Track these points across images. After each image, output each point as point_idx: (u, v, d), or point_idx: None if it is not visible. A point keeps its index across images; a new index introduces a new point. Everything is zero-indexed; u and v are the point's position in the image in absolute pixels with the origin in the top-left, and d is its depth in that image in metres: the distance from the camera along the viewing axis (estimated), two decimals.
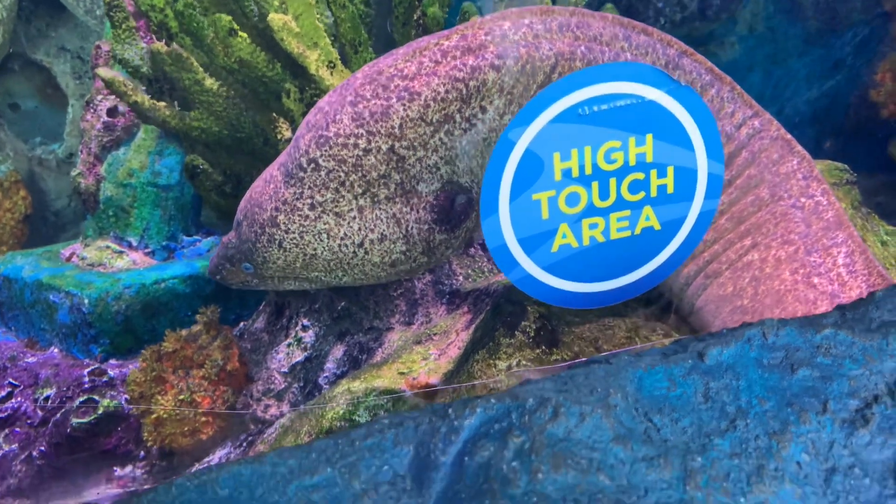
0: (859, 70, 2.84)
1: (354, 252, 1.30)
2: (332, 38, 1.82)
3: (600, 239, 1.10)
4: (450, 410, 0.78)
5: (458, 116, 1.25)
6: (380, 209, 1.28)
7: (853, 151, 3.02)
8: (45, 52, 3.09)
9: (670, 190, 1.09)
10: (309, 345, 1.97)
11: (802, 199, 1.53)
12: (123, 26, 1.84)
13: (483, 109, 1.27)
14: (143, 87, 1.84)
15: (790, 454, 0.77)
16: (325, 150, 1.26)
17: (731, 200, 1.54)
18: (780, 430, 0.80)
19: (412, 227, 1.29)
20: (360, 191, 1.26)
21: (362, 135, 1.24)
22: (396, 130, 1.24)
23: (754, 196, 1.53)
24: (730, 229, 1.54)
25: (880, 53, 2.65)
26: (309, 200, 1.28)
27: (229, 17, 1.51)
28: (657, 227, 1.11)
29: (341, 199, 1.27)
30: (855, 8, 2.90)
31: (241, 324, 2.22)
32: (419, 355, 1.75)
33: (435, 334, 1.80)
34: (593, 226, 1.09)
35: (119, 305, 2.25)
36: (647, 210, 1.10)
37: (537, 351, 1.62)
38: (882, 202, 2.92)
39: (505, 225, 1.07)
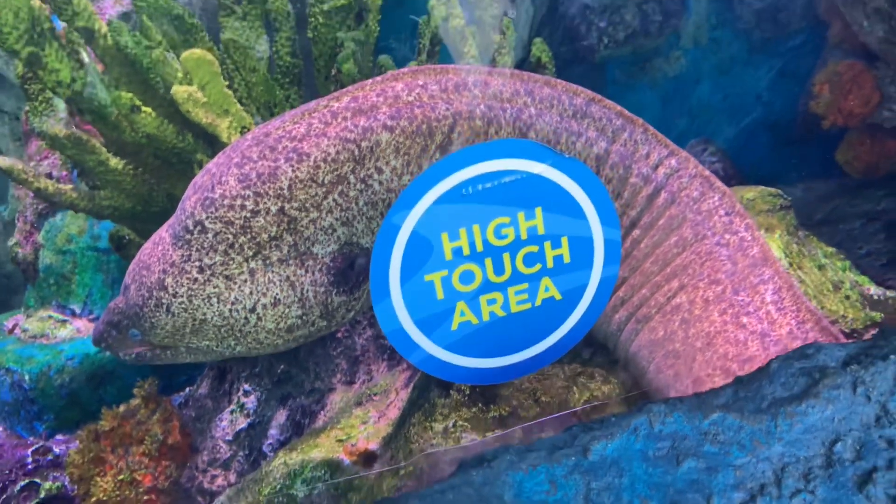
0: (804, 77, 2.82)
1: (246, 318, 1.25)
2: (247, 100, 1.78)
3: (500, 313, 1.07)
4: None
5: (352, 177, 1.22)
6: (273, 272, 1.23)
7: (808, 157, 3.01)
8: None
9: (567, 260, 1.05)
10: (251, 410, 1.93)
11: (727, 236, 1.50)
12: (39, 98, 1.80)
13: (379, 170, 1.24)
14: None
15: None
16: (211, 212, 1.22)
17: (654, 242, 1.51)
18: None
19: (308, 290, 1.25)
20: (250, 253, 1.22)
21: (249, 196, 1.21)
22: (286, 192, 1.21)
23: (678, 236, 1.50)
24: (656, 272, 1.51)
25: (821, 62, 2.64)
26: (197, 263, 1.24)
27: (129, 95, 1.47)
28: (558, 296, 1.08)
29: (231, 262, 1.23)
30: (795, 15, 2.89)
31: (187, 389, 2.18)
32: (358, 419, 1.71)
33: (375, 394, 1.77)
34: (492, 301, 1.06)
35: (62, 378, 2.20)
36: (546, 281, 1.06)
37: (473, 409, 1.58)
38: (837, 206, 2.91)
39: (399, 308, 1.03)
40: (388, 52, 2.09)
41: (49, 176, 2.32)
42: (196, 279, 1.23)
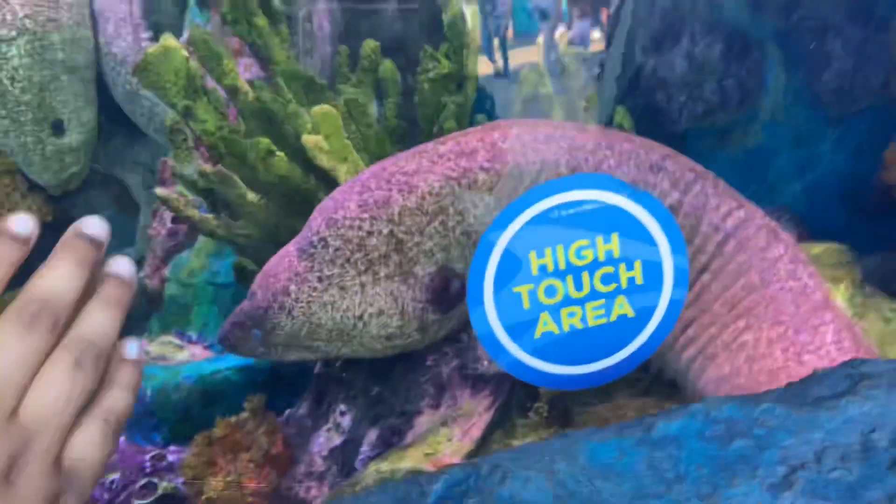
0: (880, 152, 2.92)
1: (354, 324, 1.47)
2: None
3: (579, 326, 1.24)
4: (421, 479, 0.92)
5: (451, 209, 1.44)
6: (380, 286, 1.45)
7: (886, 229, 3.07)
8: (122, 167, 3.43)
9: (639, 281, 1.22)
10: (346, 429, 2.12)
11: (790, 283, 1.63)
12: (182, 147, 2.10)
13: (475, 205, 1.45)
14: (200, 199, 2.09)
15: None
16: (334, 231, 1.47)
17: (723, 286, 1.66)
18: (711, 493, 0.92)
19: (408, 305, 1.46)
20: (362, 268, 1.45)
21: (366, 219, 1.45)
22: (396, 217, 1.44)
23: (745, 281, 1.65)
24: (724, 313, 1.65)
25: None
26: (318, 274, 1.47)
27: (267, 140, 1.74)
28: (631, 314, 1.25)
29: (346, 275, 1.45)
30: (872, 91, 3.01)
31: (288, 411, 2.39)
32: (444, 436, 1.87)
33: (460, 416, 1.93)
34: (571, 314, 1.23)
35: (179, 395, 2.45)
36: (621, 299, 1.23)
37: (550, 430, 1.73)
38: None
39: (491, 315, 1.22)
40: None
41: (174, 221, 2.64)
42: (316, 287, 1.47)
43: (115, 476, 2.31)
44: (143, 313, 3.06)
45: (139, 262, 3.37)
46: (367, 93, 2.39)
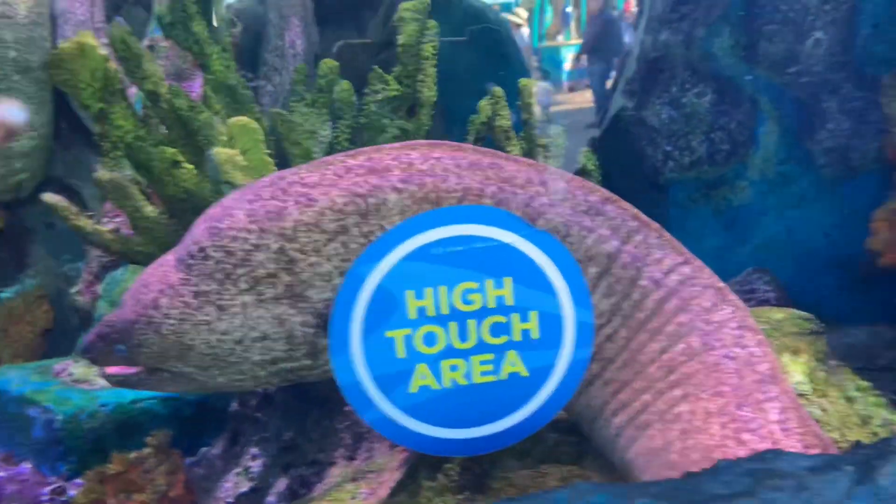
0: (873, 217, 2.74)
1: (232, 349, 1.28)
2: None
3: (463, 382, 1.06)
4: None
5: (355, 230, 1.26)
6: (264, 308, 1.26)
7: (876, 300, 2.88)
8: (79, 176, 3.31)
9: (535, 336, 1.05)
10: (255, 475, 1.94)
11: (736, 350, 1.45)
12: (111, 154, 1.96)
13: (383, 229, 1.27)
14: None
15: None
16: (216, 241, 1.28)
17: (661, 348, 1.47)
18: None
19: (297, 329, 1.27)
20: (245, 286, 1.26)
21: (254, 230, 1.27)
22: (289, 231, 1.25)
23: (685, 344, 1.47)
24: (660, 378, 1.47)
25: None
26: (194, 288, 1.29)
27: (173, 150, 1.59)
28: (524, 373, 1.07)
29: (226, 292, 1.27)
30: (868, 156, 2.84)
31: (203, 449, 2.21)
32: (349, 493, 1.69)
33: (371, 472, 1.75)
34: (454, 367, 1.06)
35: (92, 423, 2.28)
36: (512, 355, 1.06)
37: (459, 497, 1.53)
38: None
39: (357, 362, 1.04)
40: None
41: (116, 231, 2.49)
42: (190, 304, 1.28)
43: None
44: (72, 330, 2.91)
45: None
46: (321, 114, 2.26)
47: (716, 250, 3.22)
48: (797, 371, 1.63)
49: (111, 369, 1.44)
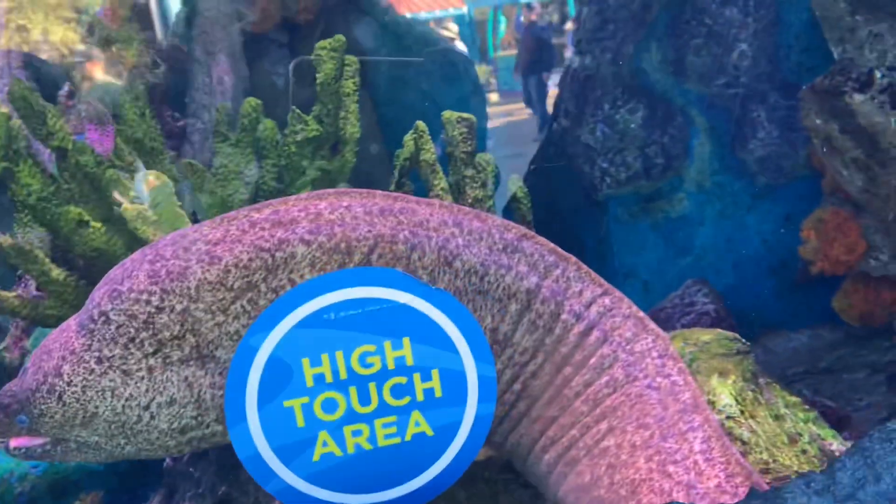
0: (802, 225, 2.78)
1: (139, 415, 1.24)
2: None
3: (367, 447, 1.04)
4: None
5: (263, 286, 1.22)
6: (171, 371, 1.23)
7: (814, 304, 2.92)
8: (8, 225, 3.21)
9: (438, 394, 1.03)
10: None
11: (658, 379, 1.45)
12: (25, 211, 1.90)
13: (292, 282, 1.23)
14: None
15: None
16: (117, 304, 1.25)
17: (585, 381, 1.46)
18: None
19: (205, 392, 1.23)
20: (150, 350, 1.23)
21: (156, 292, 1.23)
22: (192, 292, 1.22)
23: (609, 377, 1.46)
24: (586, 412, 1.46)
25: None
26: (97, 354, 1.25)
27: (78, 210, 1.55)
28: (430, 432, 1.04)
29: (130, 357, 1.23)
30: (798, 163, 2.88)
31: None
32: None
33: None
34: (357, 432, 1.03)
35: (23, 486, 2.20)
36: (416, 415, 1.03)
37: None
38: (842, 355, 2.79)
39: (256, 434, 1.01)
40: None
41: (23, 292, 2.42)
42: (93, 370, 1.24)
43: None
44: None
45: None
46: (245, 153, 2.22)
47: (657, 262, 3.24)
48: (725, 393, 1.63)
49: (15, 441, 1.39)
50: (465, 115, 2.12)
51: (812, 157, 2.65)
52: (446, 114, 2.12)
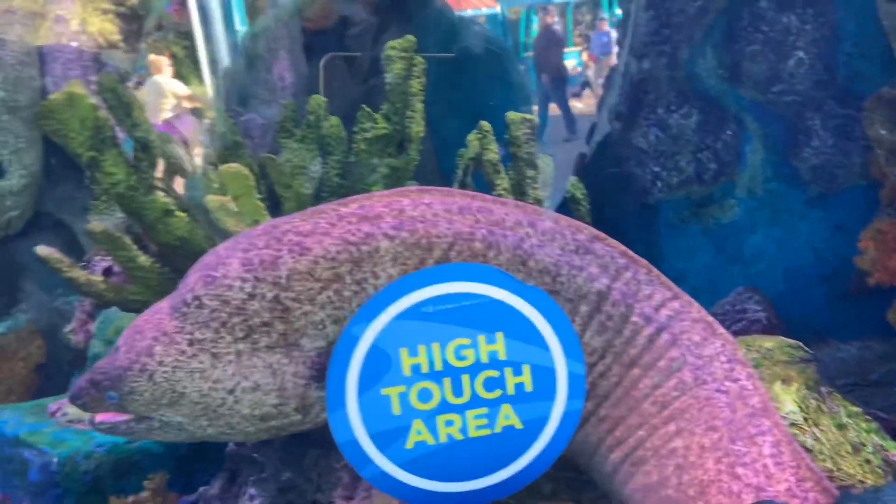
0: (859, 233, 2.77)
1: (224, 399, 1.29)
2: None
3: (458, 436, 1.07)
4: None
5: (348, 278, 1.27)
6: (258, 357, 1.27)
7: (866, 315, 2.91)
8: (69, 212, 3.31)
9: (528, 388, 1.06)
10: None
11: (727, 383, 1.48)
12: (102, 198, 1.97)
13: (375, 275, 1.28)
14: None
15: None
16: (211, 290, 1.30)
17: (653, 384, 1.49)
18: None
19: (288, 381, 1.28)
20: (240, 335, 1.27)
21: (249, 279, 1.28)
22: (283, 280, 1.27)
23: (677, 379, 1.48)
24: (654, 414, 1.49)
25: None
26: (188, 336, 1.30)
27: (164, 199, 1.60)
28: (519, 425, 1.08)
29: (220, 341, 1.28)
30: (853, 172, 2.87)
31: (201, 489, 2.20)
32: None
33: None
34: (449, 422, 1.07)
35: (89, 465, 2.27)
36: (506, 408, 1.07)
37: None
38: (894, 368, 2.77)
39: (354, 420, 1.05)
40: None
41: (109, 270, 2.49)
42: (184, 352, 1.29)
43: None
44: (66, 369, 2.90)
45: None
46: (310, 149, 2.27)
47: (706, 268, 3.24)
48: (789, 400, 1.64)
49: (100, 416, 1.44)
50: (527, 115, 2.16)
51: (871, 167, 2.63)
52: (510, 114, 2.15)
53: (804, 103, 2.95)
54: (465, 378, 1.05)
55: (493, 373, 1.06)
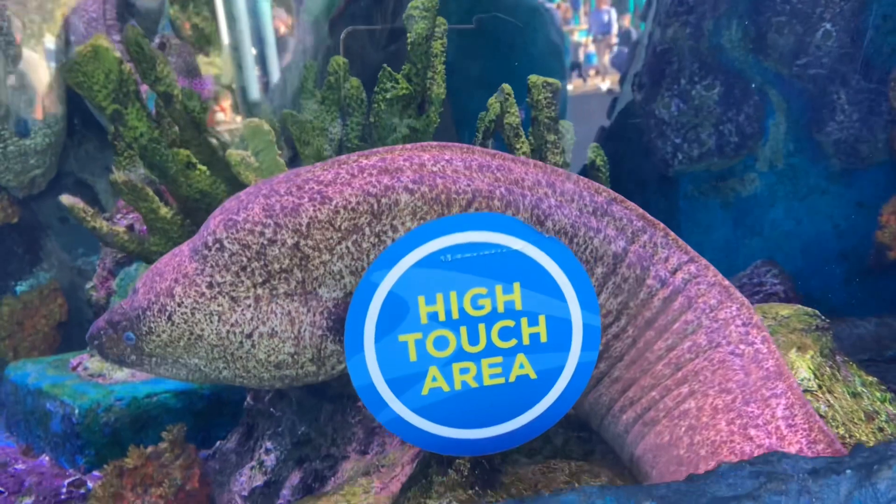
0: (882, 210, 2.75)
1: (241, 342, 1.30)
2: None
3: (473, 384, 1.09)
4: None
5: (367, 229, 1.28)
6: (276, 303, 1.29)
7: (884, 291, 2.89)
8: (91, 171, 3.34)
9: (544, 339, 1.07)
10: (269, 469, 1.97)
11: (742, 346, 1.47)
12: (125, 154, 1.98)
13: (394, 228, 1.29)
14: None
15: None
16: (232, 233, 1.31)
17: (668, 346, 1.49)
18: None
19: (305, 330, 1.29)
20: (259, 280, 1.29)
21: (270, 225, 1.29)
22: (303, 228, 1.28)
23: (692, 342, 1.48)
24: (667, 375, 1.49)
25: None
26: (208, 279, 1.31)
27: (187, 152, 1.61)
28: (533, 375, 1.09)
29: (240, 285, 1.29)
30: (877, 148, 2.84)
31: (218, 443, 2.25)
32: (362, 488, 1.72)
33: (383, 466, 1.78)
34: (464, 370, 1.08)
35: (108, 417, 2.32)
36: (521, 358, 1.08)
37: (470, 492, 1.56)
38: None
39: (371, 365, 1.07)
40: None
41: (131, 228, 2.52)
42: (204, 293, 1.31)
43: (29, 500, 2.17)
44: (86, 322, 2.94)
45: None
46: (330, 111, 2.27)
47: (725, 242, 3.24)
48: (803, 367, 1.64)
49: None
50: (550, 79, 2.14)
51: (893, 142, 2.60)
52: (532, 78, 2.14)
53: (829, 77, 2.92)
54: (482, 327, 1.06)
55: (510, 322, 1.07)
